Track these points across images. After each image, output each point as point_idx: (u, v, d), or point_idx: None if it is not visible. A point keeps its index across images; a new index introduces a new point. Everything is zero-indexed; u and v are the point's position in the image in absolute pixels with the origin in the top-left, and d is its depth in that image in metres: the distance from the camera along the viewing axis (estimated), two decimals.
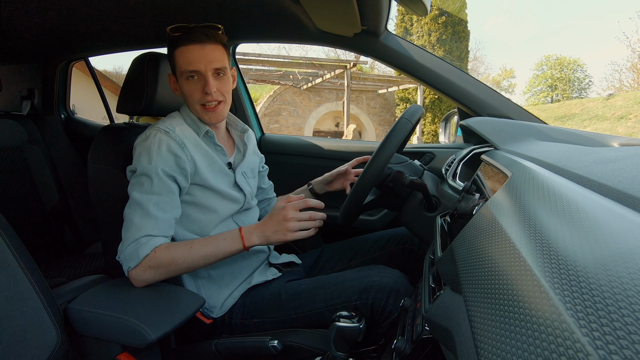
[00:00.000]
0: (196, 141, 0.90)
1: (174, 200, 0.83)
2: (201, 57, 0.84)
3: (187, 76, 0.86)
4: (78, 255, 1.72)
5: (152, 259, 0.76)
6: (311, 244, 1.49)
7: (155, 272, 0.77)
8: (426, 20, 10.10)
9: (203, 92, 0.86)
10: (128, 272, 0.77)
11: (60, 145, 1.82)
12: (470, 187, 0.69)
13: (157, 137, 0.84)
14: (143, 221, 0.78)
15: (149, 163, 0.81)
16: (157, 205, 0.80)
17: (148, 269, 0.76)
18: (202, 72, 0.85)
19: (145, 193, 0.80)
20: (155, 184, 0.80)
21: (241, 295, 0.94)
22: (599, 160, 0.43)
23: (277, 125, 10.71)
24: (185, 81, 0.87)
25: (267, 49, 39.26)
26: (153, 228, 0.78)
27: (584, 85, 20.86)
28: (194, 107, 0.89)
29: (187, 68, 0.85)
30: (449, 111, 1.49)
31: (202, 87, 0.86)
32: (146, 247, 0.76)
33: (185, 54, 0.84)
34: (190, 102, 0.89)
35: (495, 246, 0.36)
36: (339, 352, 0.74)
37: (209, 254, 0.81)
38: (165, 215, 0.81)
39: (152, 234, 0.78)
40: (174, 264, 0.78)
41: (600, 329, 0.19)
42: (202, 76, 0.85)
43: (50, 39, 1.42)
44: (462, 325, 0.38)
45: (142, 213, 0.78)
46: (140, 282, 0.78)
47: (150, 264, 0.76)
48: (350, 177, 1.18)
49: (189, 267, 0.80)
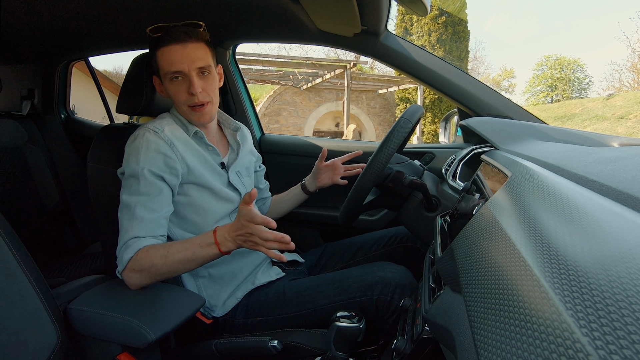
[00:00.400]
0: (186, 141, 0.89)
1: (162, 199, 0.81)
2: (183, 57, 0.82)
3: (171, 77, 0.84)
4: (78, 255, 1.72)
5: (135, 262, 0.75)
6: (312, 245, 1.49)
7: (140, 276, 0.75)
8: (426, 20, 10.10)
9: (189, 93, 0.84)
10: (120, 276, 0.77)
11: (60, 145, 1.82)
12: (470, 187, 0.69)
13: (144, 137, 0.83)
14: (130, 223, 0.77)
15: (136, 164, 0.80)
16: (144, 206, 0.79)
17: (133, 272, 0.75)
18: (185, 72, 0.83)
19: (133, 194, 0.79)
20: (142, 185, 0.79)
21: (245, 295, 0.94)
22: (599, 160, 0.43)
23: (277, 125, 10.70)
24: (170, 83, 0.85)
25: (267, 49, 39.21)
26: (140, 229, 0.77)
27: (584, 85, 20.86)
28: (181, 108, 0.88)
29: (170, 69, 0.83)
30: (449, 111, 1.49)
31: (187, 87, 0.84)
32: (130, 250, 0.75)
33: (167, 54, 0.82)
34: (176, 103, 0.88)
35: (495, 246, 0.36)
36: (339, 352, 0.74)
37: (186, 260, 0.75)
38: (153, 215, 0.79)
39: (139, 236, 0.77)
40: (154, 267, 0.74)
41: (600, 329, 0.19)
42: (186, 77, 0.83)
43: (50, 39, 1.42)
44: (462, 325, 0.38)
45: (129, 215, 0.78)
46: (131, 285, 0.77)
47: (134, 267, 0.75)
48: (339, 171, 1.15)
49: (170, 272, 0.76)
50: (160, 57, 0.84)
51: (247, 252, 0.98)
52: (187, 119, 0.90)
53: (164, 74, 0.84)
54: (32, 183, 1.65)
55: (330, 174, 1.15)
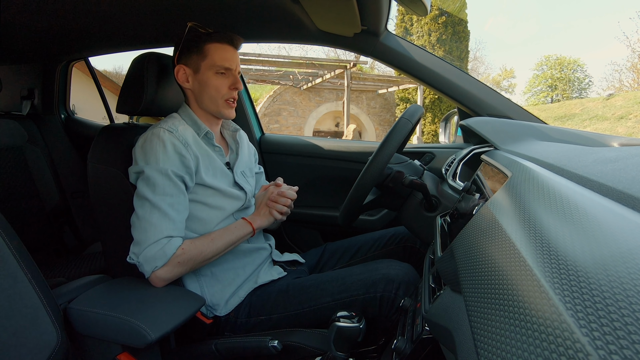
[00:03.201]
0: (197, 141, 0.92)
1: (184, 201, 0.85)
2: (234, 58, 0.92)
3: (219, 71, 0.91)
4: (78, 255, 1.72)
5: (181, 256, 0.80)
6: (312, 245, 1.49)
7: (182, 268, 0.81)
8: (426, 20, 10.10)
9: (231, 88, 0.93)
10: (153, 272, 0.78)
11: (60, 145, 1.82)
12: (470, 187, 0.69)
13: (161, 137, 0.84)
14: (161, 222, 0.80)
15: (157, 163, 0.82)
16: (172, 206, 0.82)
17: (177, 266, 0.80)
18: (233, 71, 0.92)
19: (159, 194, 0.81)
20: (167, 185, 0.82)
21: (247, 294, 0.95)
22: (599, 160, 0.43)
23: (277, 125, 10.70)
24: (215, 75, 0.91)
25: (267, 49, 39.25)
26: (172, 229, 0.81)
27: (584, 85, 20.87)
28: (216, 101, 0.93)
29: (223, 64, 0.90)
30: (449, 111, 1.49)
31: (229, 83, 0.92)
32: (171, 246, 0.79)
33: (222, 50, 0.90)
34: (214, 95, 0.92)
35: (495, 246, 0.36)
36: (339, 352, 0.74)
37: (228, 241, 0.89)
38: (180, 216, 0.83)
39: (172, 235, 0.80)
40: (202, 255, 0.84)
41: (600, 329, 0.19)
42: (231, 75, 0.92)
43: (50, 39, 1.42)
44: (462, 325, 0.38)
45: (159, 214, 0.80)
46: (164, 280, 0.80)
47: (179, 260, 0.80)
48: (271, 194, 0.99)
49: (214, 256, 0.87)
50: (214, 50, 0.90)
51: (250, 251, 0.99)
52: (214, 113, 0.95)
53: (211, 66, 0.90)
54: (32, 183, 1.65)
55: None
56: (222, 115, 0.95)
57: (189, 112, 0.94)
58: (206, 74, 0.91)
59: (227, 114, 0.95)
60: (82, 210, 1.84)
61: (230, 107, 0.95)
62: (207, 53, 0.90)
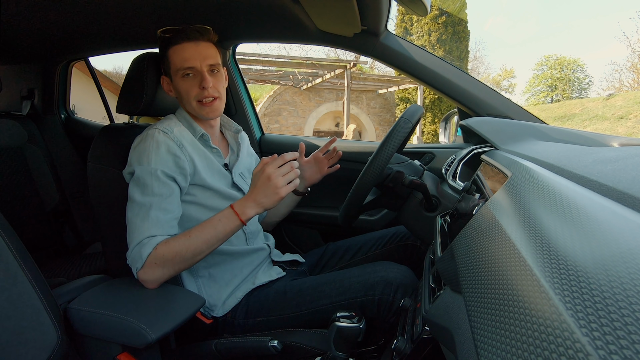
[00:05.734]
0: (193, 142, 0.91)
1: (174, 200, 0.84)
2: (196, 54, 0.86)
3: (183, 74, 0.87)
4: (78, 255, 1.72)
5: (156, 256, 0.76)
6: (312, 245, 1.49)
7: (163, 269, 0.77)
8: (426, 20, 10.09)
9: (200, 88, 0.87)
10: (137, 275, 0.77)
11: (60, 145, 1.82)
12: (470, 187, 0.69)
13: (155, 138, 0.84)
14: (144, 223, 0.78)
15: (148, 164, 0.81)
16: (159, 207, 0.80)
17: (155, 267, 0.76)
18: (197, 68, 0.86)
19: (147, 195, 0.80)
20: (155, 186, 0.81)
21: (245, 295, 0.94)
22: (599, 160, 0.43)
23: (277, 125, 10.70)
24: (181, 79, 0.88)
25: (267, 49, 39.19)
26: (155, 229, 0.79)
27: (584, 85, 20.86)
28: (190, 104, 0.89)
29: (183, 65, 0.86)
30: (449, 111, 1.49)
31: (198, 83, 0.87)
32: (147, 246, 0.77)
33: (180, 51, 0.86)
34: (186, 99, 0.89)
35: (495, 246, 0.36)
36: (339, 352, 0.74)
37: (210, 238, 0.79)
38: (167, 216, 0.81)
39: (154, 235, 0.79)
40: (178, 256, 0.77)
41: (600, 329, 0.19)
42: (197, 73, 0.87)
43: (50, 39, 1.42)
44: (462, 325, 0.38)
45: (143, 216, 0.79)
46: (151, 282, 0.78)
47: (155, 261, 0.76)
48: (323, 163, 1.11)
49: (195, 255, 0.79)
50: (173, 55, 0.87)
51: (248, 251, 0.98)
52: (196, 115, 0.92)
53: (176, 71, 0.87)
54: (32, 183, 1.65)
55: (316, 168, 1.12)
56: (202, 117, 0.91)
57: (184, 114, 0.94)
58: (175, 79, 0.89)
59: (206, 115, 0.90)
60: (82, 210, 1.84)
61: (206, 107, 0.89)
62: (169, 59, 0.88)
